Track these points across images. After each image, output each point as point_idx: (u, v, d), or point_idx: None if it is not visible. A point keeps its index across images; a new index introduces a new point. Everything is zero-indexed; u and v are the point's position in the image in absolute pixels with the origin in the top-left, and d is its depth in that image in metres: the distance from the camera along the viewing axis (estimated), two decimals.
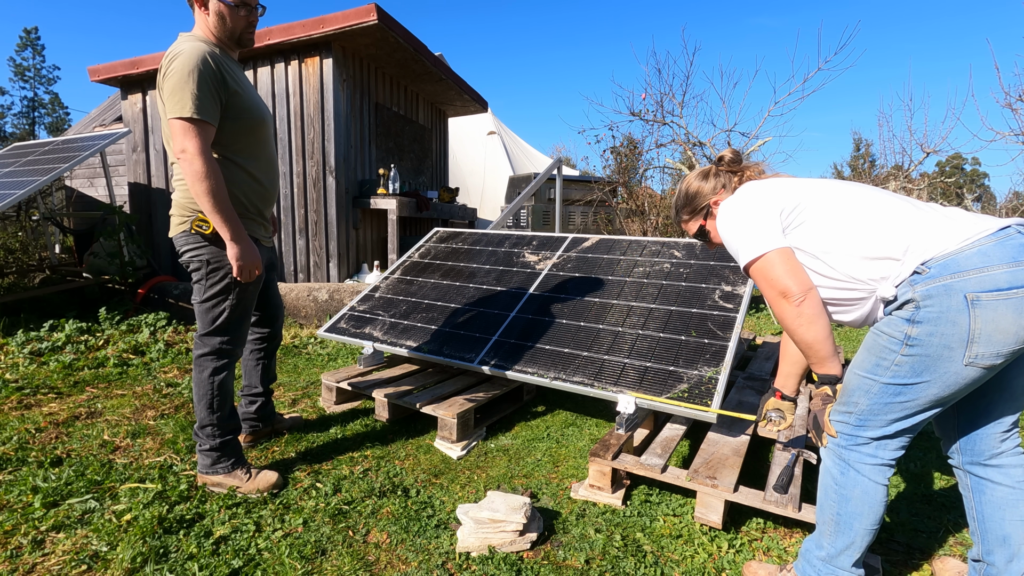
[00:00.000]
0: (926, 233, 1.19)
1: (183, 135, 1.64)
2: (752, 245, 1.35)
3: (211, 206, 1.68)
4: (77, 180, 7.88)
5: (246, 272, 1.79)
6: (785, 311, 1.30)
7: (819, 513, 1.38)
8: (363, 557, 1.60)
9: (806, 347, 1.32)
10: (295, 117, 4.94)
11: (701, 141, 8.22)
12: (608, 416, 2.75)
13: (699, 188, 1.62)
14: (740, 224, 1.40)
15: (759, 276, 1.36)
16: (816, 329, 1.28)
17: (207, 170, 1.66)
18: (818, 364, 1.35)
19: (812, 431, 1.41)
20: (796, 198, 1.36)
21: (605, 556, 1.62)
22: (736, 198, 1.46)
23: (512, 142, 11.98)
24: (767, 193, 1.41)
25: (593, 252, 3.18)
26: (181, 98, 1.64)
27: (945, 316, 1.12)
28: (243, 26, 1.88)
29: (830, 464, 1.35)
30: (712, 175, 1.61)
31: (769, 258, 1.32)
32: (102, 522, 1.71)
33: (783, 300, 1.30)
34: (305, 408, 2.78)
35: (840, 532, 1.32)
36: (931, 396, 1.19)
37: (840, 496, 1.31)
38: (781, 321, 1.33)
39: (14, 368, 3.24)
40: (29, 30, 38.27)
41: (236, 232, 1.74)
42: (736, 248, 1.41)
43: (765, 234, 1.34)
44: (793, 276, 1.29)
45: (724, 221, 1.46)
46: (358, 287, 4.67)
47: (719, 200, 1.58)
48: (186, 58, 1.65)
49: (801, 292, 1.28)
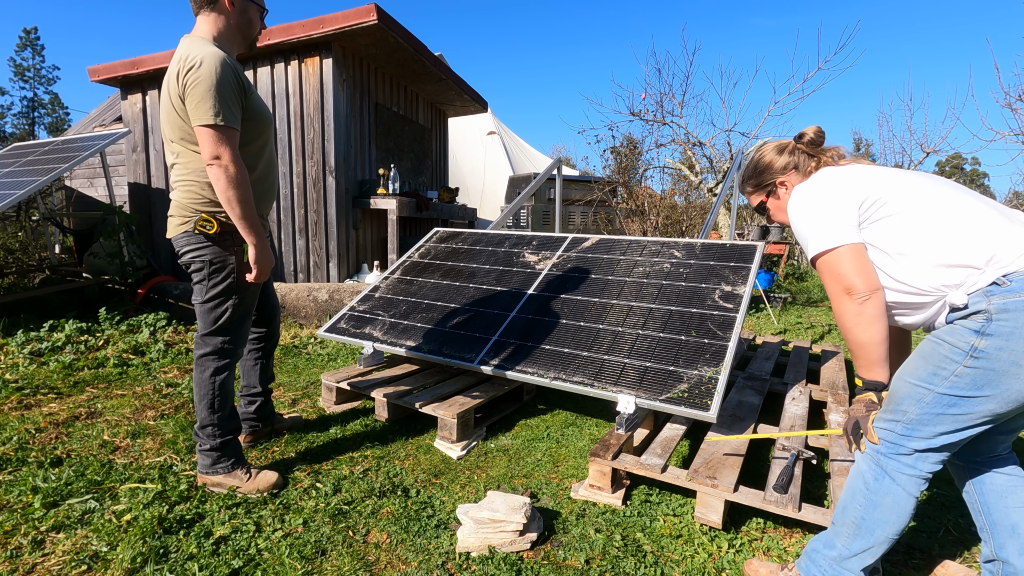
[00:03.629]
0: (1013, 244, 1.15)
1: (215, 143, 1.66)
2: (824, 237, 1.30)
3: (240, 212, 1.71)
4: (77, 180, 7.88)
5: (262, 275, 1.83)
6: (846, 308, 1.26)
7: (840, 513, 1.35)
8: (363, 557, 1.60)
9: (858, 348, 1.28)
10: (295, 117, 4.94)
11: (701, 141, 8.22)
12: (608, 416, 2.75)
13: (770, 162, 1.55)
14: (814, 213, 1.34)
15: (826, 269, 1.31)
16: (873, 331, 1.25)
17: (241, 177, 1.70)
18: (866, 368, 1.31)
19: (850, 436, 1.37)
20: (879, 191, 1.29)
21: (605, 556, 1.62)
22: (813, 184, 1.40)
23: (512, 142, 11.98)
24: (848, 182, 1.34)
25: (593, 252, 3.18)
26: (212, 105, 1.65)
27: (1019, 332, 1.09)
28: (259, 30, 1.95)
29: (864, 468, 1.31)
30: (788, 151, 1.53)
31: (839, 253, 1.27)
32: (102, 522, 1.71)
33: (846, 297, 1.26)
34: (305, 408, 2.78)
35: (859, 535, 1.30)
36: (987, 411, 1.15)
37: (869, 501, 1.29)
38: (840, 317, 1.29)
39: (14, 368, 3.24)
40: (29, 30, 38.27)
41: (259, 238, 1.79)
42: (806, 237, 1.36)
43: (839, 227, 1.29)
44: (861, 274, 1.25)
45: (797, 208, 1.40)
46: (358, 287, 4.67)
47: (786, 181, 1.52)
48: (210, 65, 1.66)
49: (867, 291, 1.24)
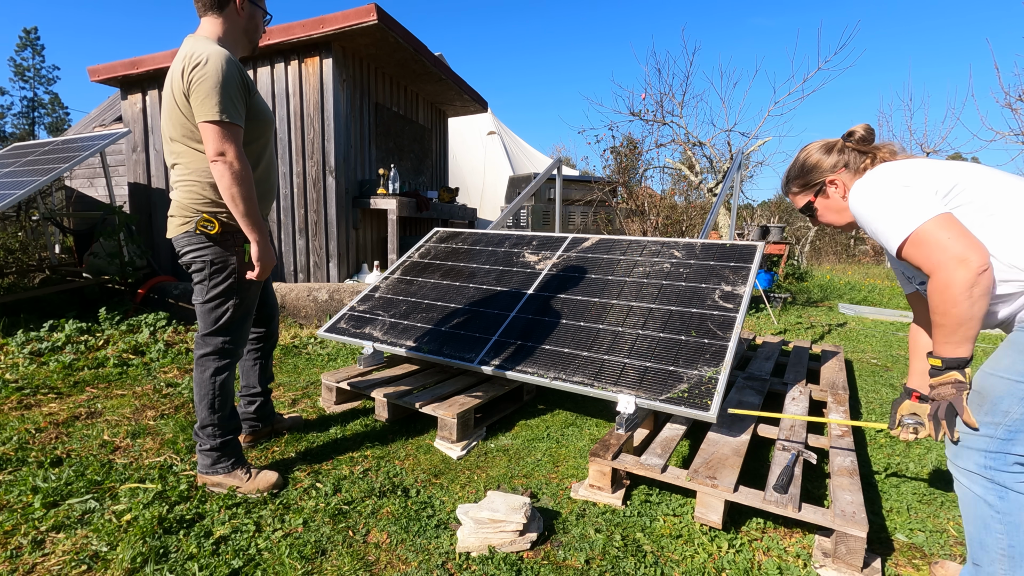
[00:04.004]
0: None
1: (220, 139, 1.66)
2: (906, 219, 1.19)
3: (244, 209, 1.71)
4: (77, 180, 7.88)
5: (265, 274, 1.84)
6: (958, 277, 1.12)
7: (979, 550, 1.21)
8: (363, 557, 1.60)
9: (959, 323, 1.15)
10: (295, 117, 4.94)
11: (701, 141, 8.22)
12: (608, 416, 2.75)
13: (817, 161, 1.48)
14: (888, 201, 1.24)
15: (922, 249, 1.17)
16: (981, 306, 1.12)
17: (245, 173, 1.70)
18: (957, 343, 1.18)
19: (943, 421, 1.23)
20: (953, 178, 1.21)
21: (605, 556, 1.62)
22: (877, 175, 1.31)
23: (512, 142, 11.98)
24: (916, 170, 1.26)
25: (593, 252, 3.18)
26: (217, 102, 1.65)
27: None
28: (263, 30, 1.97)
29: (981, 491, 1.18)
30: (836, 150, 1.46)
31: (929, 227, 1.16)
32: (102, 522, 1.71)
33: (961, 267, 1.11)
34: (305, 408, 2.78)
35: (1018, 564, 1.15)
36: None
37: (1008, 525, 1.15)
38: (947, 289, 1.14)
39: (14, 368, 3.24)
40: (29, 30, 38.27)
41: (262, 236, 1.79)
42: (885, 227, 1.24)
43: (921, 204, 1.18)
44: (967, 239, 1.13)
45: (866, 201, 1.30)
46: (358, 287, 4.67)
47: (836, 179, 1.45)
48: (215, 63, 1.66)
49: (983, 261, 1.11)
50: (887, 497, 2.01)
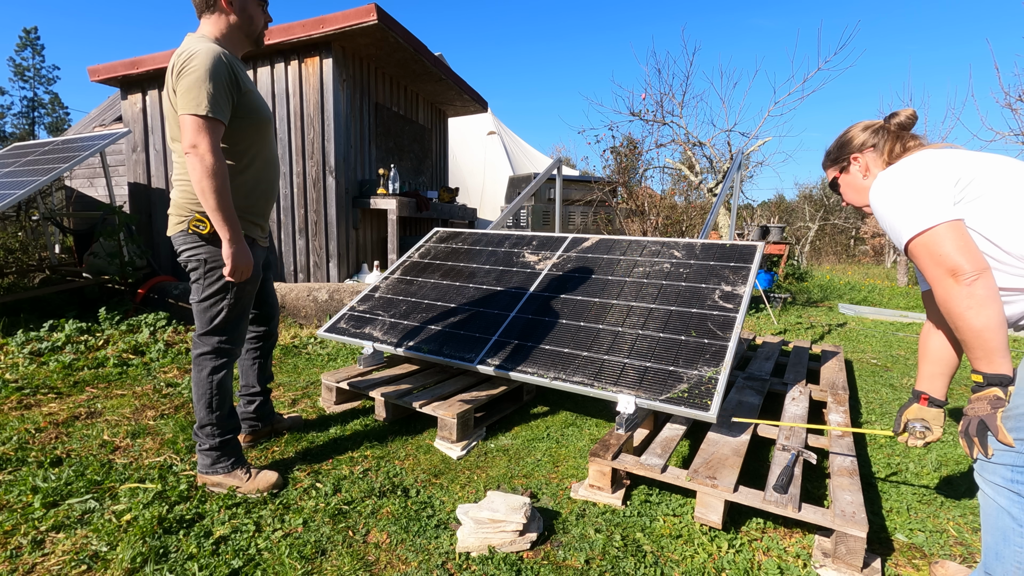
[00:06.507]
0: None
1: (196, 131, 1.66)
2: (916, 217, 1.19)
3: (214, 204, 1.68)
4: (77, 180, 7.88)
5: (237, 273, 1.79)
6: (954, 292, 1.13)
7: (995, 562, 1.20)
8: (363, 557, 1.60)
9: (973, 336, 1.13)
10: (295, 117, 4.94)
11: (701, 141, 8.22)
12: (608, 416, 2.75)
13: (851, 136, 1.48)
14: (902, 195, 1.23)
15: (923, 253, 1.19)
16: (988, 314, 1.11)
17: (216, 167, 1.67)
18: (984, 359, 1.15)
19: (975, 439, 1.19)
20: (973, 171, 1.20)
21: (605, 556, 1.62)
22: (898, 167, 1.31)
23: (512, 142, 11.98)
24: (937, 161, 1.25)
25: (593, 252, 3.18)
26: (196, 96, 1.65)
27: None
28: (263, 25, 1.95)
29: (1006, 504, 1.16)
30: (872, 131, 1.45)
31: (937, 232, 1.16)
32: (102, 522, 1.71)
33: (951, 280, 1.13)
34: (305, 408, 2.78)
35: None
36: None
37: None
38: (946, 305, 1.17)
39: (14, 368, 3.24)
40: (29, 30, 38.26)
41: (234, 233, 1.74)
42: (895, 222, 1.25)
43: (933, 205, 1.18)
44: (966, 252, 1.13)
45: (882, 192, 1.30)
46: (358, 287, 4.67)
47: (860, 158, 1.46)
48: (203, 58, 1.67)
49: (975, 270, 1.12)
50: (887, 497, 2.01)
